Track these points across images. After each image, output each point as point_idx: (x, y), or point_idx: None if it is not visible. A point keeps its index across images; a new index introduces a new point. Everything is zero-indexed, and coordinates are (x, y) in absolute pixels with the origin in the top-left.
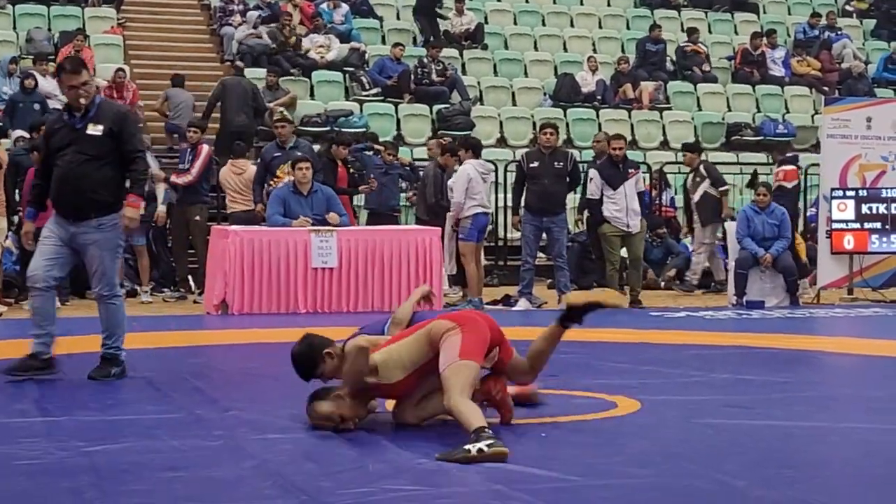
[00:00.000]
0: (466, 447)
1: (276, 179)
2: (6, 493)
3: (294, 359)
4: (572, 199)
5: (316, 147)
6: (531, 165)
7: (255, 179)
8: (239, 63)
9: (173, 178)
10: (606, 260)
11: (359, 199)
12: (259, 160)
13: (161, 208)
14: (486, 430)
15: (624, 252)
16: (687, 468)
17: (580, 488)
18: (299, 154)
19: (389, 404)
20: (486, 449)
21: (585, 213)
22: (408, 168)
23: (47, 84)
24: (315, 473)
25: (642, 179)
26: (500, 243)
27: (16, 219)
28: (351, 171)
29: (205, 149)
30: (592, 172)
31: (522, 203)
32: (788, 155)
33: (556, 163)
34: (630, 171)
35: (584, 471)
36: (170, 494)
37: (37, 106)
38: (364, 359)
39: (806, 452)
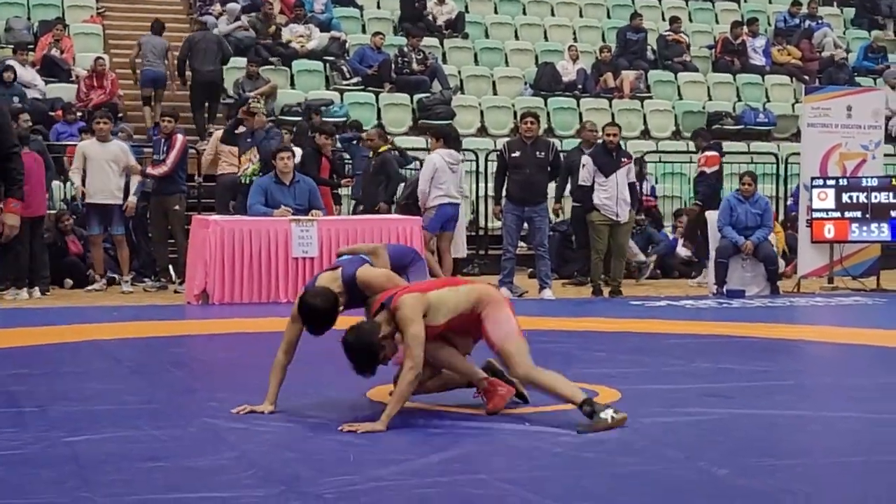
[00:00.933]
0: (602, 416)
1: (238, 165)
2: None
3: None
4: (551, 189)
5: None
6: (513, 155)
7: None
8: (202, 19)
9: (149, 170)
10: (592, 248)
11: (346, 189)
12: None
13: (132, 199)
14: (593, 401)
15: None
16: (668, 457)
17: (561, 477)
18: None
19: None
20: (615, 416)
21: (571, 203)
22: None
23: (26, 74)
24: (295, 463)
25: (634, 170)
26: (481, 232)
27: None
28: (332, 160)
29: (179, 138)
30: (585, 159)
31: (504, 192)
32: (712, 142)
33: (538, 152)
34: (623, 160)
35: (565, 460)
36: (150, 484)
37: (15, 98)
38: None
39: (787, 441)
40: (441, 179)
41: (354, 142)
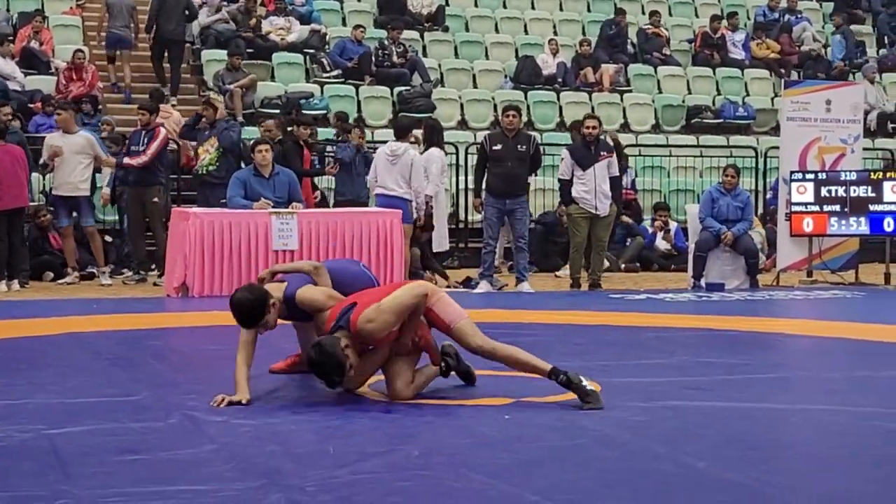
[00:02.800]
0: (583, 384)
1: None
2: None
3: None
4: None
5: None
6: (494, 148)
7: None
8: None
9: (126, 161)
10: (571, 241)
11: (329, 182)
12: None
13: (105, 190)
14: (561, 371)
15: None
16: (648, 450)
17: (542, 470)
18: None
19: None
20: (590, 385)
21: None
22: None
23: (6, 66)
24: (276, 456)
25: (615, 164)
26: (462, 226)
27: None
28: (313, 151)
29: (162, 132)
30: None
31: (484, 185)
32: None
33: (518, 146)
34: (602, 153)
35: (545, 452)
36: (130, 476)
37: None
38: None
39: (766, 434)
40: (379, 171)
41: (342, 135)
